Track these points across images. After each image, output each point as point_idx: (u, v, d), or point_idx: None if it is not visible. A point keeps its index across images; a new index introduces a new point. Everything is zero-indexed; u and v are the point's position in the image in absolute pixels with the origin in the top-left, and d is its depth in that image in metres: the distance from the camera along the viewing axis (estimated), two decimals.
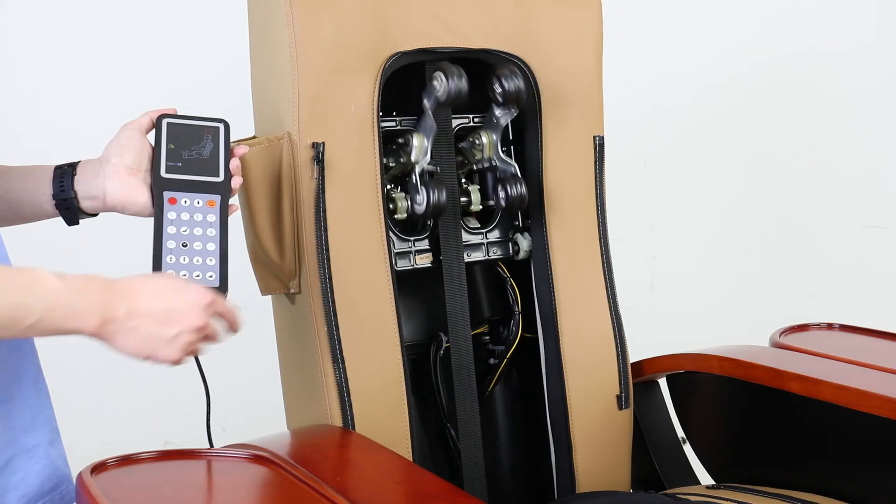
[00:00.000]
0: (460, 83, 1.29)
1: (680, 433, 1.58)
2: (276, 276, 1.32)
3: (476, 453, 1.41)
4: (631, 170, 2.54)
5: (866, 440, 1.30)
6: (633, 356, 1.50)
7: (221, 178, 1.16)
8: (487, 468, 1.44)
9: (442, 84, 1.30)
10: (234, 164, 1.17)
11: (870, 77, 2.84)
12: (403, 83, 1.41)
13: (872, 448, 1.30)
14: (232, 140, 1.20)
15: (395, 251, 1.35)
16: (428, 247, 1.41)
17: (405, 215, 1.36)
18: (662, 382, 1.58)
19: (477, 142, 1.42)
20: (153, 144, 1.16)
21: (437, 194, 1.32)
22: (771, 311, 2.28)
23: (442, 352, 1.46)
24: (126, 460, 1.05)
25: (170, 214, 1.12)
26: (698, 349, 1.49)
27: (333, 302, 1.27)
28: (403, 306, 1.41)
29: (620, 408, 1.45)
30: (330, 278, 1.27)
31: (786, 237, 2.86)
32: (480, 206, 1.45)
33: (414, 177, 1.35)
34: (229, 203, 1.16)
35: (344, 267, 1.28)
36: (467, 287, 1.42)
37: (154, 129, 1.17)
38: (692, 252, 2.79)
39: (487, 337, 1.56)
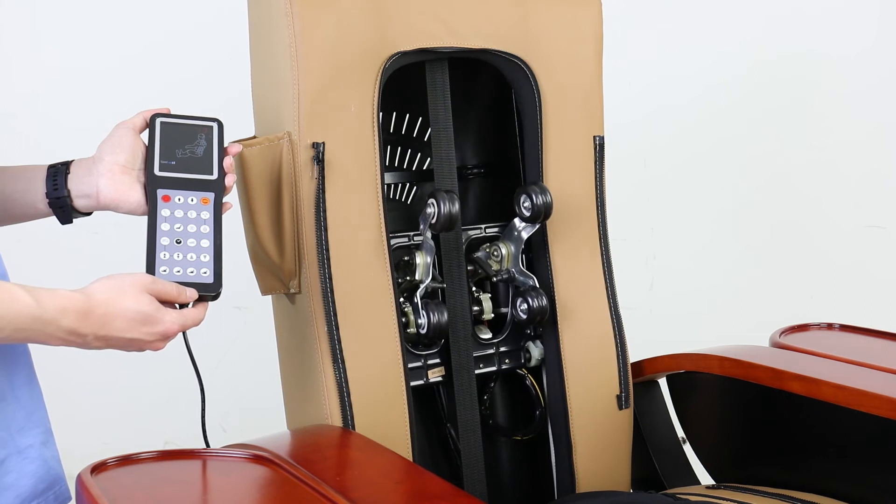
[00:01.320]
0: (453, 208, 1.29)
1: (680, 433, 1.58)
2: (276, 275, 1.32)
3: (476, 453, 1.41)
4: (631, 170, 2.54)
5: (866, 440, 1.30)
6: (633, 356, 1.50)
7: (215, 175, 1.16)
8: (487, 468, 1.44)
9: (434, 210, 1.30)
10: (228, 162, 1.17)
11: (870, 78, 2.85)
12: (404, 83, 1.41)
13: (872, 448, 1.30)
14: (228, 139, 1.20)
15: (409, 366, 1.34)
16: (439, 361, 1.41)
17: (416, 330, 1.36)
18: (662, 382, 1.58)
19: (495, 253, 1.42)
20: (147, 143, 1.16)
21: (437, 316, 1.32)
22: (771, 311, 2.28)
23: None
24: (126, 460, 1.05)
25: (163, 212, 1.12)
26: (698, 349, 1.49)
27: (333, 302, 1.27)
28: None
29: (620, 408, 1.45)
30: (330, 278, 1.27)
31: (786, 237, 2.86)
32: (492, 315, 1.44)
33: (416, 297, 1.34)
34: (224, 201, 1.16)
35: (344, 267, 1.28)
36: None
37: (148, 129, 1.17)
38: (692, 252, 2.79)
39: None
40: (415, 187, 1.57)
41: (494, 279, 1.43)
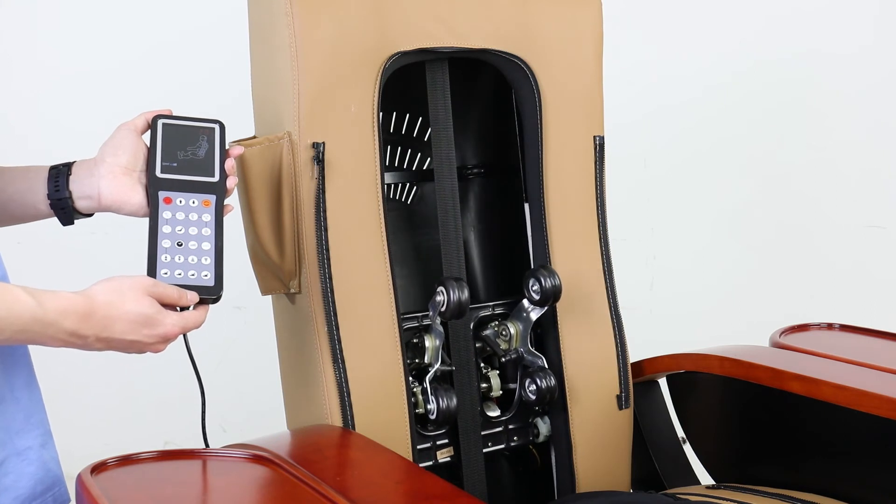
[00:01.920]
0: (462, 296, 1.29)
1: (680, 433, 1.58)
2: (276, 275, 1.32)
3: (476, 453, 1.41)
4: (631, 170, 2.54)
5: (866, 440, 1.30)
6: (633, 356, 1.50)
7: (217, 178, 1.16)
8: (487, 468, 1.44)
9: (443, 298, 1.29)
10: (230, 164, 1.17)
11: (870, 78, 2.85)
12: (404, 83, 1.41)
13: (872, 448, 1.30)
14: (229, 140, 1.20)
15: (418, 447, 1.34)
16: (448, 441, 1.40)
17: (424, 411, 1.35)
18: (662, 382, 1.58)
19: (504, 332, 1.42)
20: (148, 145, 1.16)
21: (446, 402, 1.32)
22: (771, 311, 2.28)
23: None
24: (126, 460, 1.05)
25: (165, 214, 1.12)
26: (698, 349, 1.49)
27: (333, 302, 1.27)
28: (403, 306, 1.41)
29: (620, 408, 1.45)
30: (330, 278, 1.27)
31: (786, 237, 2.86)
32: (500, 392, 1.44)
33: (426, 382, 1.34)
34: (225, 203, 1.16)
35: (344, 267, 1.28)
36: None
37: (149, 130, 1.17)
38: (692, 252, 2.79)
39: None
40: (415, 187, 1.57)
41: (503, 359, 1.43)
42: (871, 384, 1.27)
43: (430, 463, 1.38)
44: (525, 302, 1.39)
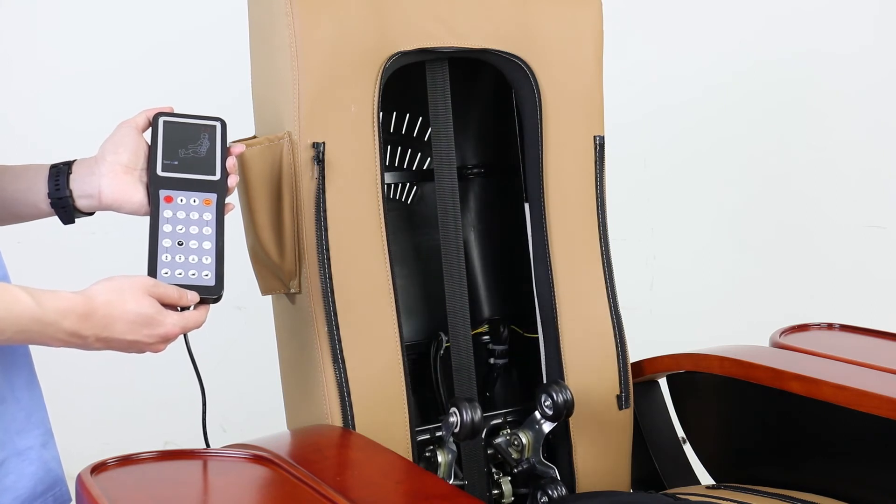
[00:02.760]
0: (475, 417, 1.27)
1: (680, 433, 1.58)
2: (276, 275, 1.32)
3: (476, 453, 1.41)
4: (631, 170, 2.54)
5: (866, 440, 1.30)
6: (633, 356, 1.50)
7: (218, 176, 1.16)
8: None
9: (457, 420, 1.28)
10: (231, 162, 1.17)
11: (869, 78, 2.85)
12: (404, 83, 1.41)
13: (872, 448, 1.30)
14: (229, 139, 1.20)
15: None
16: None
17: None
18: (662, 382, 1.58)
19: (516, 442, 1.42)
20: (149, 143, 1.16)
21: None
22: (771, 311, 2.28)
23: (442, 352, 1.46)
24: (126, 460, 1.05)
25: (165, 213, 1.12)
26: (698, 349, 1.49)
27: (333, 302, 1.27)
28: (403, 306, 1.41)
29: (620, 408, 1.45)
30: (330, 278, 1.27)
31: (786, 237, 2.87)
32: (513, 498, 1.43)
33: None
34: (226, 202, 1.16)
35: (344, 267, 1.28)
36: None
37: (150, 128, 1.17)
38: (692, 252, 2.79)
39: (487, 337, 1.56)
40: (415, 187, 1.57)
41: (515, 470, 1.42)
42: (871, 384, 1.27)
43: None
44: (537, 414, 1.38)
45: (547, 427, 1.39)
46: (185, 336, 1.12)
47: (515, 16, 1.41)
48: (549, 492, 1.38)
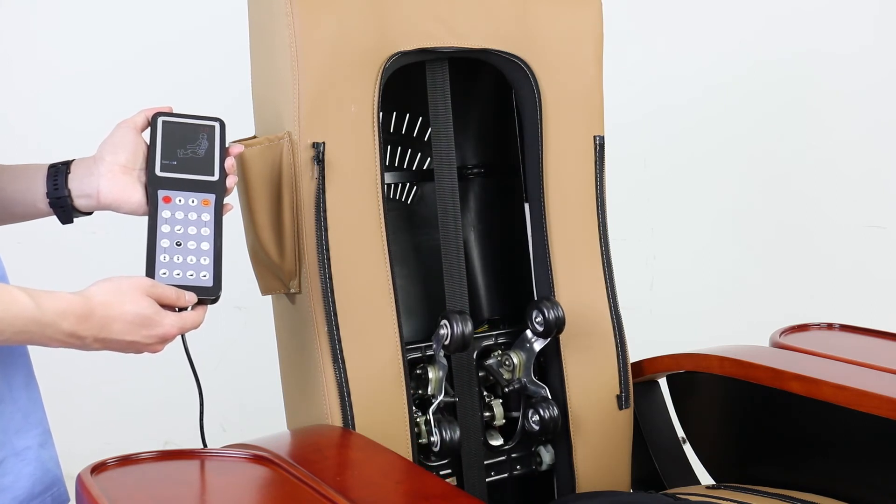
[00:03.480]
0: (466, 329, 1.29)
1: (680, 433, 1.58)
2: (276, 275, 1.32)
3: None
4: (631, 170, 2.54)
5: (866, 440, 1.30)
6: (633, 356, 1.50)
7: (216, 177, 1.15)
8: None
9: (447, 332, 1.30)
10: (230, 163, 1.17)
11: (870, 77, 2.84)
12: (403, 83, 1.41)
13: (872, 448, 1.30)
14: (229, 139, 1.20)
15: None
16: (451, 472, 1.40)
17: (427, 442, 1.35)
18: (662, 382, 1.58)
19: (507, 362, 1.42)
20: (148, 143, 1.16)
21: (449, 434, 1.31)
22: (771, 311, 2.28)
23: None
24: (126, 460, 1.05)
25: (164, 213, 1.12)
26: (698, 349, 1.49)
27: (333, 302, 1.27)
28: (403, 306, 1.41)
29: (620, 408, 1.45)
30: (330, 278, 1.27)
31: (786, 237, 2.86)
32: (504, 421, 1.44)
33: (429, 414, 1.34)
34: (224, 202, 1.16)
35: (344, 267, 1.28)
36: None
37: (149, 128, 1.17)
38: (692, 252, 2.79)
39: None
40: (415, 187, 1.57)
41: (507, 389, 1.43)
42: (871, 384, 1.27)
43: None
44: (528, 332, 1.39)
45: (538, 345, 1.39)
46: (182, 336, 1.12)
47: (515, 16, 1.41)
48: (541, 411, 1.38)
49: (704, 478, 1.55)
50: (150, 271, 1.09)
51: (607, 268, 1.47)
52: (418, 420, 1.34)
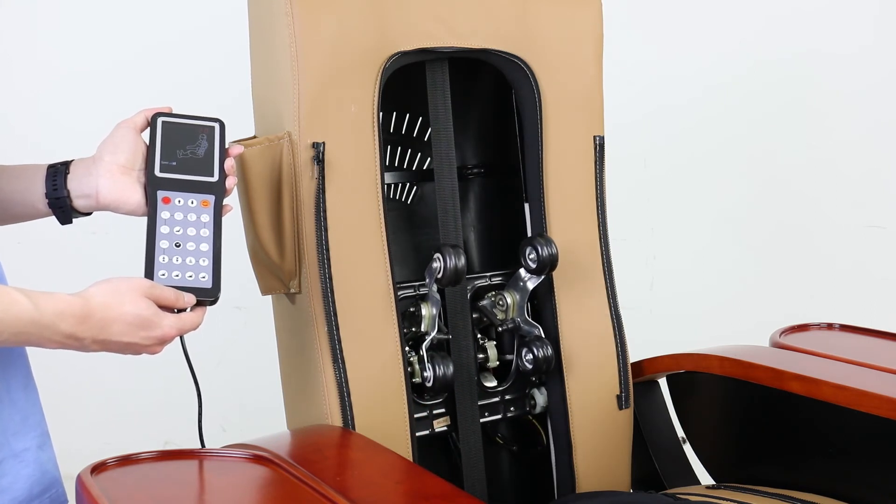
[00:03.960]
0: (459, 262, 1.29)
1: (680, 433, 1.58)
2: (276, 275, 1.32)
3: (476, 453, 1.41)
4: (631, 170, 2.54)
5: (866, 440, 1.30)
6: (633, 356, 1.50)
7: (216, 178, 1.15)
8: (487, 468, 1.44)
9: (440, 265, 1.30)
10: (229, 164, 1.17)
11: (869, 77, 2.84)
12: (403, 83, 1.41)
13: (872, 448, 1.30)
14: (229, 139, 1.20)
15: (415, 416, 1.34)
16: (445, 410, 1.40)
17: (420, 380, 1.36)
18: (662, 382, 1.58)
19: (500, 302, 1.43)
20: (147, 143, 1.16)
21: (442, 369, 1.32)
22: (771, 311, 2.28)
23: None
24: (126, 460, 1.05)
25: (163, 214, 1.12)
26: (698, 349, 1.49)
27: (333, 302, 1.27)
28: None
29: (620, 408, 1.45)
30: (330, 278, 1.27)
31: (786, 237, 2.86)
32: (497, 363, 1.44)
33: (422, 350, 1.34)
34: (224, 203, 1.16)
35: (344, 267, 1.28)
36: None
37: (149, 128, 1.16)
38: (692, 252, 2.79)
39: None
40: (415, 187, 1.57)
41: (500, 329, 1.43)
42: (871, 384, 1.27)
43: (427, 432, 1.38)
44: (522, 271, 1.39)
45: (531, 283, 1.40)
46: (181, 337, 1.11)
47: (515, 16, 1.41)
48: (534, 350, 1.38)
49: (704, 478, 1.55)
50: (149, 272, 1.09)
51: (607, 268, 1.47)
52: (411, 359, 1.35)
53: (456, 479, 1.43)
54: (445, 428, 1.40)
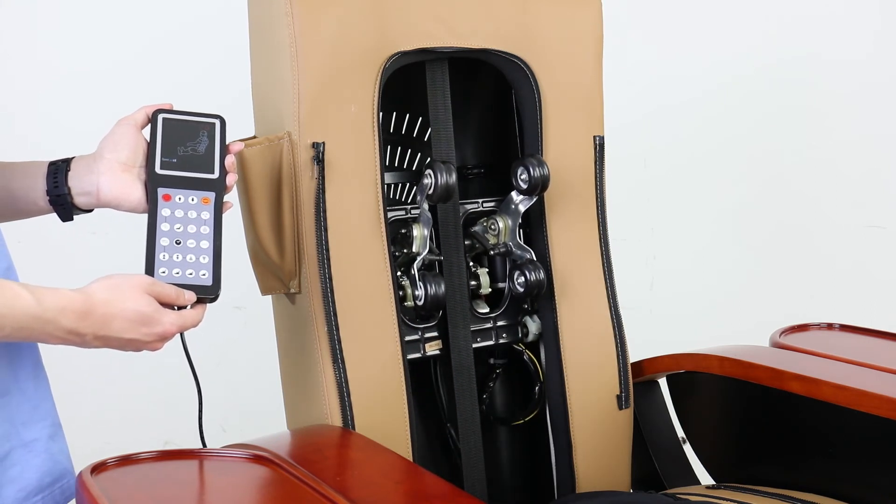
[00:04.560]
0: (450, 179, 1.29)
1: (680, 433, 1.58)
2: (276, 275, 1.32)
3: (476, 453, 1.41)
4: (631, 170, 2.54)
5: (866, 440, 1.30)
6: (633, 356, 1.50)
7: (216, 174, 1.15)
8: (487, 468, 1.44)
9: (431, 181, 1.30)
10: (230, 160, 1.17)
11: (870, 78, 2.84)
12: (403, 83, 1.41)
13: (872, 448, 1.30)
14: (229, 138, 1.20)
15: (406, 339, 1.34)
16: (437, 334, 1.41)
17: (413, 303, 1.36)
18: (662, 382, 1.58)
19: (492, 227, 1.42)
20: (148, 140, 1.16)
21: (434, 288, 1.32)
22: (771, 311, 2.28)
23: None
24: (126, 460, 1.05)
25: (164, 211, 1.12)
26: (698, 349, 1.49)
27: (333, 302, 1.27)
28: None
29: (620, 408, 1.45)
30: (330, 278, 1.27)
31: (786, 237, 2.86)
32: (489, 290, 1.44)
33: (413, 269, 1.34)
34: (224, 200, 1.16)
35: (344, 267, 1.28)
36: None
37: (149, 125, 1.16)
38: (692, 252, 2.79)
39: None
40: (415, 187, 1.57)
41: (492, 252, 1.43)
42: (871, 384, 1.27)
43: (418, 355, 1.38)
44: (514, 194, 1.39)
45: (523, 206, 1.40)
46: (181, 335, 1.12)
47: (515, 16, 1.41)
48: (526, 273, 1.38)
49: (704, 478, 1.55)
50: (150, 269, 1.09)
51: (607, 268, 1.47)
52: (402, 283, 1.35)
53: (456, 479, 1.43)
54: (437, 352, 1.40)
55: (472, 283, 1.44)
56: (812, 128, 2.83)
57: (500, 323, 1.46)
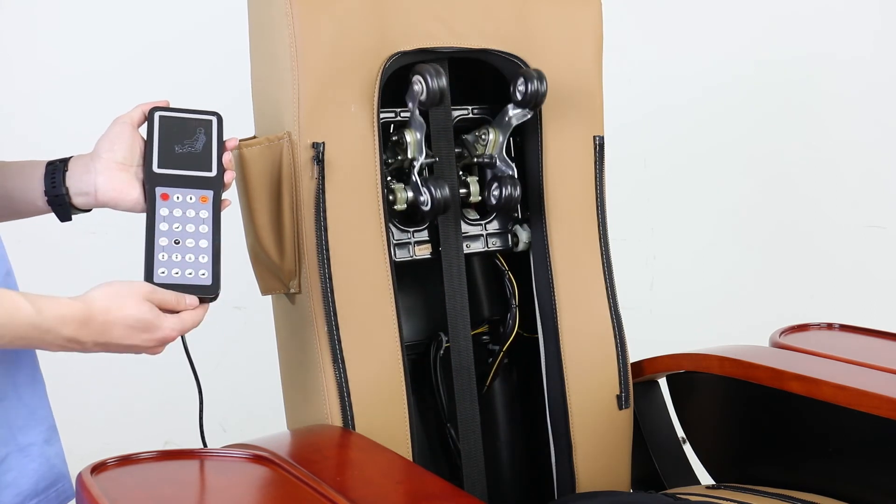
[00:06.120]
0: (440, 82, 1.29)
1: (680, 433, 1.58)
2: (276, 275, 1.32)
3: (476, 453, 1.41)
4: (631, 170, 2.54)
5: (866, 440, 1.30)
6: (633, 356, 1.50)
7: (214, 172, 1.15)
8: (487, 468, 1.44)
9: (422, 86, 1.29)
10: (227, 158, 1.17)
11: (870, 78, 2.85)
12: (403, 83, 1.41)
13: (872, 448, 1.30)
14: (227, 136, 1.19)
15: (394, 242, 1.35)
16: (427, 238, 1.41)
17: (405, 206, 1.36)
18: (662, 382, 1.58)
19: (483, 136, 1.42)
20: (145, 138, 1.15)
21: (440, 191, 1.32)
22: (771, 311, 2.28)
23: (442, 352, 1.46)
24: (126, 460, 1.05)
25: (162, 211, 1.11)
26: (698, 349, 1.49)
27: (333, 302, 1.27)
28: (403, 306, 1.41)
29: (620, 408, 1.45)
30: (330, 278, 1.27)
31: (786, 237, 2.86)
32: (479, 198, 1.45)
33: (414, 175, 1.34)
34: (222, 198, 1.15)
35: (344, 267, 1.28)
36: (467, 282, 1.42)
37: (146, 123, 1.16)
38: (692, 252, 2.79)
39: (487, 337, 1.56)
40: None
41: (476, 160, 1.44)
42: (871, 384, 1.27)
43: (408, 258, 1.39)
44: (509, 107, 1.39)
45: (515, 119, 1.40)
46: (182, 336, 1.11)
47: (515, 16, 1.41)
48: (503, 187, 1.38)
49: (704, 478, 1.55)
50: (149, 270, 1.09)
51: (607, 268, 1.47)
52: (394, 187, 1.35)
53: (456, 479, 1.43)
54: (428, 255, 1.41)
55: (462, 191, 1.44)
56: (812, 128, 2.83)
57: (490, 229, 1.46)
